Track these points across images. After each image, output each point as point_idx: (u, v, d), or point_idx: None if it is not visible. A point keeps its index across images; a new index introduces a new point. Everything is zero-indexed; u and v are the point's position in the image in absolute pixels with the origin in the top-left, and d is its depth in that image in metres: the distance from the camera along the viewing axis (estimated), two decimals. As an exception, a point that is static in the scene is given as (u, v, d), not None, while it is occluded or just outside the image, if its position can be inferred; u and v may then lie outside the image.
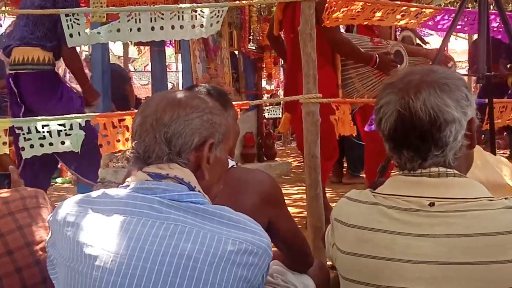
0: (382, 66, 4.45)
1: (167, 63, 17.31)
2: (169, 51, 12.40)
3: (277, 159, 8.55)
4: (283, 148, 11.29)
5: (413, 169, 1.58)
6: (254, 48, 7.85)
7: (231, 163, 2.28)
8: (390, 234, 1.54)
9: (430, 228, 1.50)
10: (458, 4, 4.93)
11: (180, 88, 7.93)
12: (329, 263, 3.63)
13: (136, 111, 1.95)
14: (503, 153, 7.95)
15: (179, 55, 7.75)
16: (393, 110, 1.56)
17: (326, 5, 3.62)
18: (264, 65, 8.13)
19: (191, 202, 1.47)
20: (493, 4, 3.86)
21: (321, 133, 3.84)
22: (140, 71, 18.94)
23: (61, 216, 1.52)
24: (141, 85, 19.03)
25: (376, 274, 1.55)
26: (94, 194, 1.54)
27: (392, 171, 4.34)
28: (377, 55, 4.42)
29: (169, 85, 18.20)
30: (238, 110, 3.56)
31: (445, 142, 1.52)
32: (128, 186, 1.52)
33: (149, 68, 15.00)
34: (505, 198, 1.52)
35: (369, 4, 3.69)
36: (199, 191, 1.52)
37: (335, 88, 4.47)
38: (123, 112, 3.60)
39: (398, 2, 3.86)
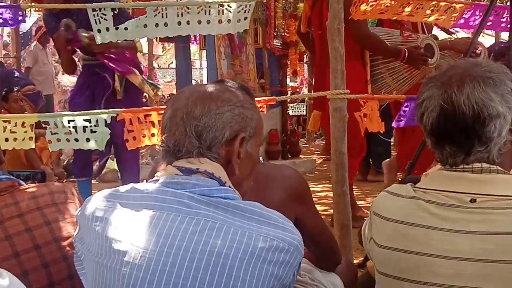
0: (411, 61, 4.39)
1: (192, 60, 17.35)
2: (193, 48, 12.39)
3: (301, 156, 8.50)
4: (307, 145, 11.22)
5: (455, 164, 1.55)
6: (279, 44, 7.80)
7: (259, 159, 2.25)
8: (427, 229, 1.51)
9: (469, 224, 1.47)
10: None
11: (206, 81, 7.90)
12: (356, 261, 3.61)
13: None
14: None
15: (203, 52, 7.75)
16: (436, 104, 1.52)
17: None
18: (289, 62, 8.08)
19: (221, 198, 1.44)
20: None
21: (348, 130, 3.80)
22: (164, 68, 18.96)
23: (90, 211, 1.50)
24: (165, 82, 19.07)
25: (410, 269, 1.52)
26: (122, 188, 1.52)
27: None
28: (405, 49, 4.35)
29: (193, 82, 18.25)
30: (264, 105, 3.55)
31: (489, 138, 1.49)
32: (158, 180, 1.49)
33: (173, 65, 15.04)
34: None
35: (398, -1, 3.64)
36: (229, 186, 1.49)
37: (364, 84, 4.45)
38: (149, 107, 3.58)
39: (428, -4, 3.79)
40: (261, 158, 2.30)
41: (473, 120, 1.48)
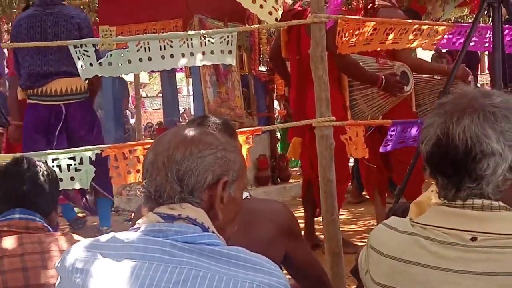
0: (388, 88, 4.40)
1: (178, 87, 17.37)
2: (180, 74, 12.41)
3: (291, 181, 8.47)
4: (297, 169, 11.18)
5: (447, 198, 1.49)
6: (264, 70, 7.81)
7: (245, 194, 2.23)
8: (425, 268, 1.46)
9: (470, 264, 1.41)
10: (471, 18, 4.87)
11: (192, 113, 7.90)
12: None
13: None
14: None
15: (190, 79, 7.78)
16: (434, 133, 1.48)
17: (338, 28, 3.56)
18: (275, 87, 8.09)
19: (205, 244, 1.41)
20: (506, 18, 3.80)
21: (336, 158, 3.79)
22: (152, 96, 19.01)
23: (69, 263, 1.46)
24: (153, 109, 19.09)
25: None
26: (103, 238, 1.48)
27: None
28: (383, 76, 4.35)
29: (181, 109, 18.25)
30: (250, 136, 3.53)
31: (480, 175, 1.42)
32: (139, 228, 1.46)
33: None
34: None
35: (381, 24, 3.64)
36: (213, 232, 1.46)
37: (342, 110, 4.42)
38: (134, 142, 3.55)
39: (410, 21, 3.81)
40: (248, 194, 2.29)
41: (464, 155, 1.42)
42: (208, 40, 3.46)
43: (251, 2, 3.37)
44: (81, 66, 3.43)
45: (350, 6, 7.73)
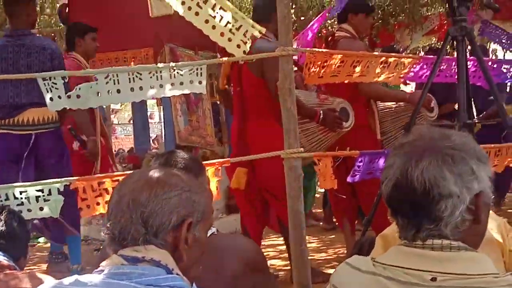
0: (326, 123, 4.41)
1: (150, 112, 17.32)
2: (152, 101, 12.42)
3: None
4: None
5: (407, 238, 1.51)
6: (235, 97, 7.83)
7: (212, 229, 2.24)
8: None
9: None
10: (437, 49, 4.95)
11: (163, 140, 7.90)
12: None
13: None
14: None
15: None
16: (393, 174, 1.49)
17: (306, 61, 3.62)
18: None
19: (169, 287, 1.42)
20: (470, 51, 3.89)
21: (277, 185, 4.01)
22: (123, 123, 18.95)
23: None
24: (125, 135, 19.01)
25: None
26: (66, 281, 1.48)
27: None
28: (321, 111, 4.37)
29: (153, 135, 18.19)
30: (219, 167, 3.55)
31: (438, 216, 1.44)
32: (103, 271, 1.46)
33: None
34: (511, 274, 1.45)
35: (348, 56, 3.71)
36: (177, 274, 1.46)
37: (282, 142, 4.35)
38: (102, 175, 3.54)
39: (376, 53, 3.87)
40: (215, 230, 2.30)
41: (423, 197, 1.44)
42: (177, 72, 3.48)
43: (219, 36, 3.41)
44: (50, 99, 3.42)
45: (319, 34, 7.85)
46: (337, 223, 6.14)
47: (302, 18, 9.93)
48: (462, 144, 1.49)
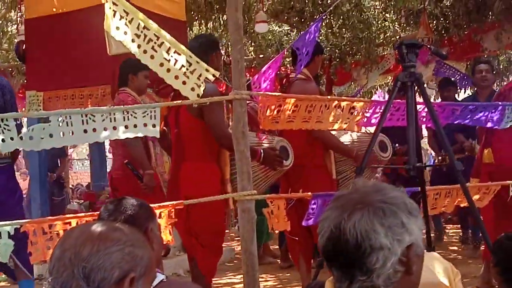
0: (267, 161, 4.40)
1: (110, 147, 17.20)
2: (110, 136, 12.34)
3: (219, 244, 8.40)
4: (228, 231, 11.14)
5: None
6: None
7: (161, 276, 2.24)
8: None
9: None
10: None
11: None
12: None
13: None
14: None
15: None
16: (328, 227, 1.52)
17: (260, 104, 3.66)
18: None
19: None
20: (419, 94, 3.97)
21: (210, 232, 4.08)
22: (82, 158, 18.76)
23: None
24: (84, 170, 18.81)
25: None
26: None
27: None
28: (262, 150, 4.38)
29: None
30: (173, 210, 3.55)
31: (370, 268, 1.47)
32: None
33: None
34: None
35: (301, 100, 3.76)
36: (118, 329, 1.46)
37: (219, 185, 4.34)
38: (54, 217, 3.51)
39: (328, 97, 3.94)
40: (164, 277, 2.30)
41: (355, 250, 1.47)
42: (131, 115, 3.49)
43: (174, 79, 3.44)
44: (2, 140, 3.39)
45: (279, 72, 7.92)
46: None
47: (261, 56, 10.06)
48: (393, 198, 1.53)
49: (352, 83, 10.59)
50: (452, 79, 8.82)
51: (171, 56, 3.43)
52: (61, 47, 6.40)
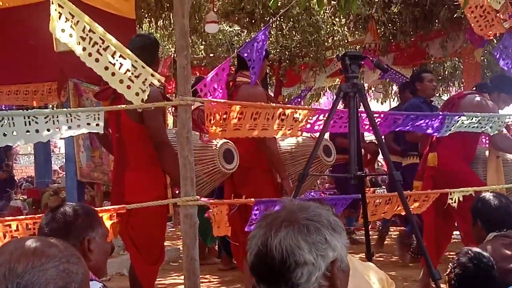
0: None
1: (55, 142, 16.95)
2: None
3: (165, 243, 8.35)
4: (174, 229, 11.10)
5: None
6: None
7: (98, 285, 2.24)
8: None
9: None
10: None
11: (65, 173, 7.75)
12: None
13: None
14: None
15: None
16: (255, 244, 1.57)
17: (207, 112, 3.68)
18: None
19: None
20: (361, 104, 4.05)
21: (147, 237, 4.04)
22: (26, 153, 18.42)
23: None
24: (29, 164, 18.49)
25: None
26: None
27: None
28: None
29: (58, 165, 17.79)
30: (114, 214, 3.55)
31: (295, 283, 1.53)
32: None
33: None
34: None
35: (246, 107, 3.79)
36: None
37: (162, 190, 4.30)
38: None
39: (273, 104, 3.98)
40: (101, 285, 2.30)
41: (280, 265, 1.52)
42: (75, 117, 3.47)
43: (119, 83, 3.43)
44: None
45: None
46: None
47: (212, 55, 10.07)
48: (318, 216, 1.60)
49: (301, 84, 10.69)
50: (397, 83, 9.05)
51: (116, 60, 3.42)
52: (6, 43, 6.30)
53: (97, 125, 3.53)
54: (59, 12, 3.39)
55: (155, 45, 4.40)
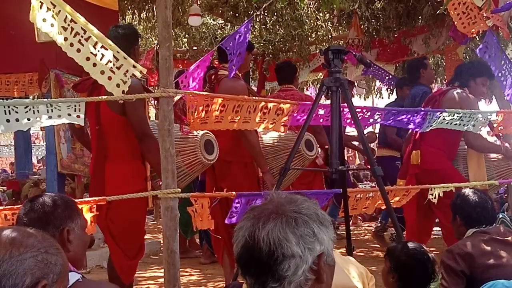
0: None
1: (36, 133, 16.84)
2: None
3: (146, 236, 8.33)
4: (155, 222, 11.09)
5: None
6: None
7: (76, 276, 2.22)
8: None
9: None
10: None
11: (45, 166, 7.68)
12: None
13: None
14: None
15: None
16: (242, 236, 1.57)
17: (188, 104, 3.66)
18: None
19: None
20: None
21: (127, 231, 4.02)
22: (5, 145, 18.28)
23: None
24: (9, 155, 18.36)
25: None
26: None
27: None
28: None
29: (39, 156, 17.68)
30: (94, 205, 3.52)
31: (282, 276, 1.52)
32: None
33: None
34: None
35: (228, 100, 3.78)
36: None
37: (143, 182, 4.30)
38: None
39: (255, 98, 3.97)
40: (80, 276, 2.28)
41: (268, 257, 1.52)
42: (55, 108, 3.44)
43: (100, 74, 3.40)
44: None
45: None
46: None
47: (195, 48, 10.03)
48: (306, 209, 1.60)
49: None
50: (380, 79, 9.07)
51: (98, 51, 3.40)
52: (-14, 33, 6.24)
53: (78, 116, 3.51)
54: (40, 1, 3.36)
55: (129, 36, 4.32)
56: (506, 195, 7.61)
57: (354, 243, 4.36)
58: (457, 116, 4.70)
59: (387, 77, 9.29)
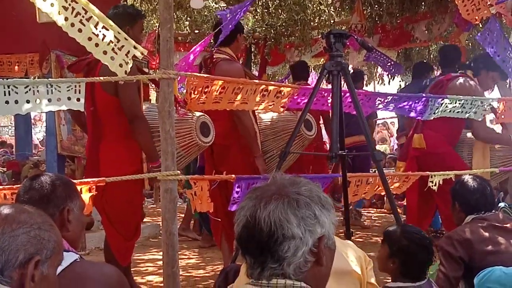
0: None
1: (38, 115, 16.82)
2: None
3: (146, 219, 8.36)
4: (154, 206, 11.09)
5: (252, 276, 1.59)
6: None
7: (75, 256, 2.22)
8: None
9: None
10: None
11: (45, 147, 7.68)
12: None
13: None
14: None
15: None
16: (243, 216, 1.58)
17: (187, 86, 3.65)
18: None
19: None
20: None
21: (123, 213, 4.03)
22: (6, 125, 18.27)
23: None
24: (9, 136, 18.34)
25: None
26: None
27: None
28: None
29: (40, 137, 17.65)
30: (94, 186, 3.52)
31: (281, 256, 1.53)
32: None
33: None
34: None
35: (229, 83, 3.77)
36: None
37: (139, 163, 4.29)
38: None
39: (256, 81, 3.95)
40: (78, 256, 2.28)
41: (268, 238, 1.53)
42: (55, 88, 3.43)
43: (103, 54, 3.38)
44: None
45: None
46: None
47: (197, 31, 9.98)
48: (308, 191, 1.60)
49: (286, 63, 10.64)
50: (382, 65, 9.05)
51: (99, 31, 3.37)
52: (-13, 14, 6.23)
53: (78, 99, 3.49)
54: (40, -19, 3.32)
55: (120, 15, 4.25)
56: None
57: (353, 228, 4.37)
58: (459, 104, 4.68)
59: (388, 64, 9.24)
